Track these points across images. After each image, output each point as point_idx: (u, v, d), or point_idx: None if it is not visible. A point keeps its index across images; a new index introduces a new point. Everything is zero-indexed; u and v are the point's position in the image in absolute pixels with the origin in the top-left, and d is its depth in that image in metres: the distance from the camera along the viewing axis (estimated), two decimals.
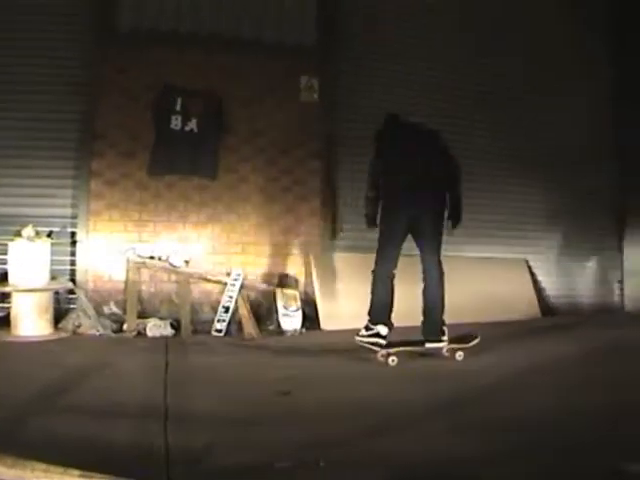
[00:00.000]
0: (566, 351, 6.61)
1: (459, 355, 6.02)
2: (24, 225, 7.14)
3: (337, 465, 3.14)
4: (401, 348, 5.93)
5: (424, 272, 6.14)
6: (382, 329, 5.97)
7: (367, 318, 6.14)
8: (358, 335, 6.09)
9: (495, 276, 9.17)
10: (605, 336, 7.49)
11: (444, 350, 6.04)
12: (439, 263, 6.13)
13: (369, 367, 5.81)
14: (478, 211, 9.28)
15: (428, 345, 6.03)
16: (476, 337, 6.13)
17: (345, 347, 6.34)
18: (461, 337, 6.20)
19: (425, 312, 6.11)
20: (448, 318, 6.09)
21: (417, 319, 6.12)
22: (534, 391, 4.87)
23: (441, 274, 6.12)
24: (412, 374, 5.57)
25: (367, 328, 6.04)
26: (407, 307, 6.15)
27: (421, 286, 6.15)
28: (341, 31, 8.83)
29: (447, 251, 8.92)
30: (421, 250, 6.19)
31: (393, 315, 6.12)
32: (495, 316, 8.46)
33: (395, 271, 6.16)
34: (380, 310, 6.08)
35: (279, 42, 8.49)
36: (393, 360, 5.77)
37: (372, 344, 5.95)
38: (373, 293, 6.18)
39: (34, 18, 7.84)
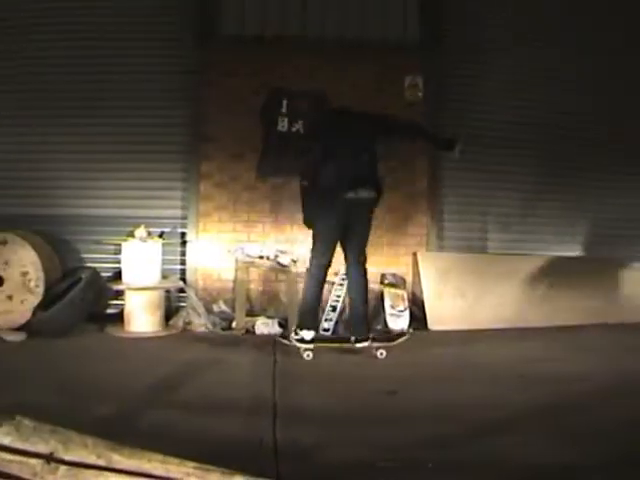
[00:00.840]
0: None
1: (380, 353, 6.08)
2: (137, 226, 7.39)
3: (444, 467, 3.08)
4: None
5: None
6: (307, 334, 6.07)
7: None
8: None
9: None
10: None
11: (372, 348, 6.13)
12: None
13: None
14: None
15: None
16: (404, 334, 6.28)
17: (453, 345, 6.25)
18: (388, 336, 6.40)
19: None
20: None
21: None
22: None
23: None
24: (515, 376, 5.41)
25: (295, 332, 6.16)
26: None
27: None
28: (445, 27, 8.61)
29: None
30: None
31: None
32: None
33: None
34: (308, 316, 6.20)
35: (383, 41, 8.36)
36: (308, 355, 5.95)
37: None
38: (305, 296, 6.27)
39: (142, 28, 8.11)
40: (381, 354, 6.08)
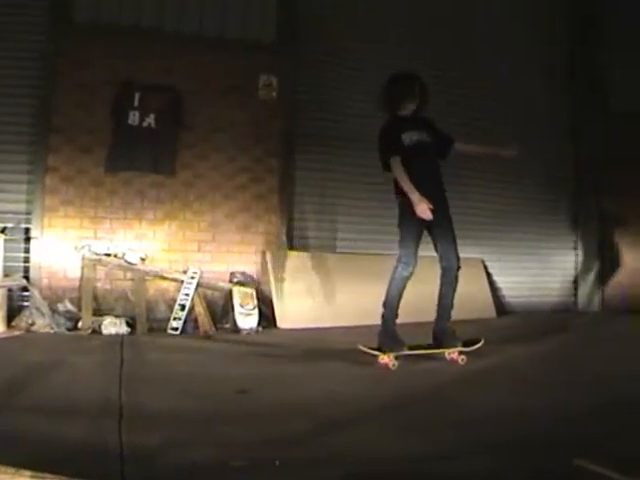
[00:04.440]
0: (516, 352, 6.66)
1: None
2: None
3: (292, 463, 3.15)
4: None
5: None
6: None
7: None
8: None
9: None
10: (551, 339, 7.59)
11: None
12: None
13: (322, 366, 5.80)
14: None
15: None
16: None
17: (301, 346, 6.37)
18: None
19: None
20: (401, 318, 6.03)
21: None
22: (486, 390, 4.85)
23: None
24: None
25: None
26: None
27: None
28: (302, 28, 8.82)
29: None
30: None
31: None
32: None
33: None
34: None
35: (240, 40, 8.45)
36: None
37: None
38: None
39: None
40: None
